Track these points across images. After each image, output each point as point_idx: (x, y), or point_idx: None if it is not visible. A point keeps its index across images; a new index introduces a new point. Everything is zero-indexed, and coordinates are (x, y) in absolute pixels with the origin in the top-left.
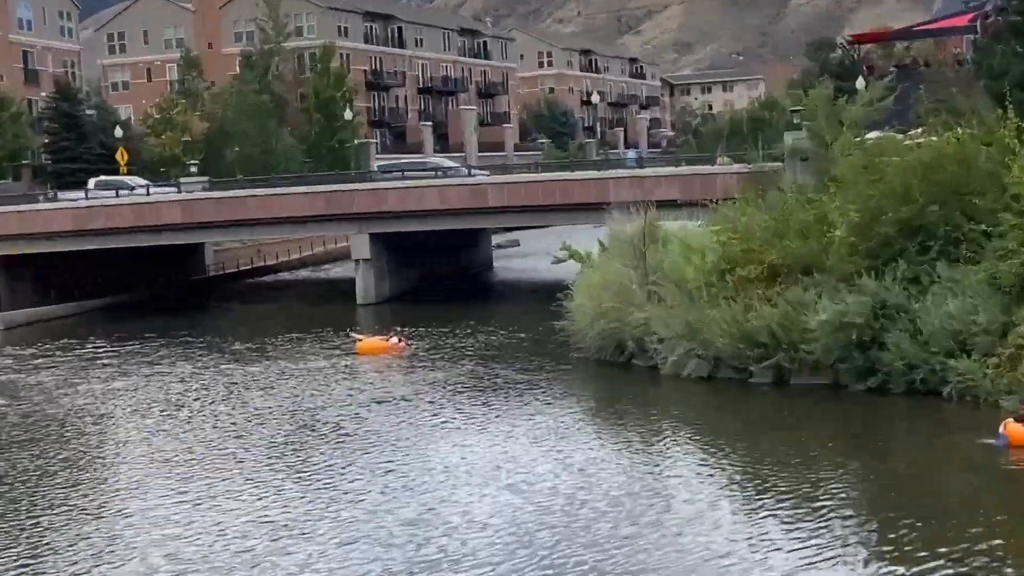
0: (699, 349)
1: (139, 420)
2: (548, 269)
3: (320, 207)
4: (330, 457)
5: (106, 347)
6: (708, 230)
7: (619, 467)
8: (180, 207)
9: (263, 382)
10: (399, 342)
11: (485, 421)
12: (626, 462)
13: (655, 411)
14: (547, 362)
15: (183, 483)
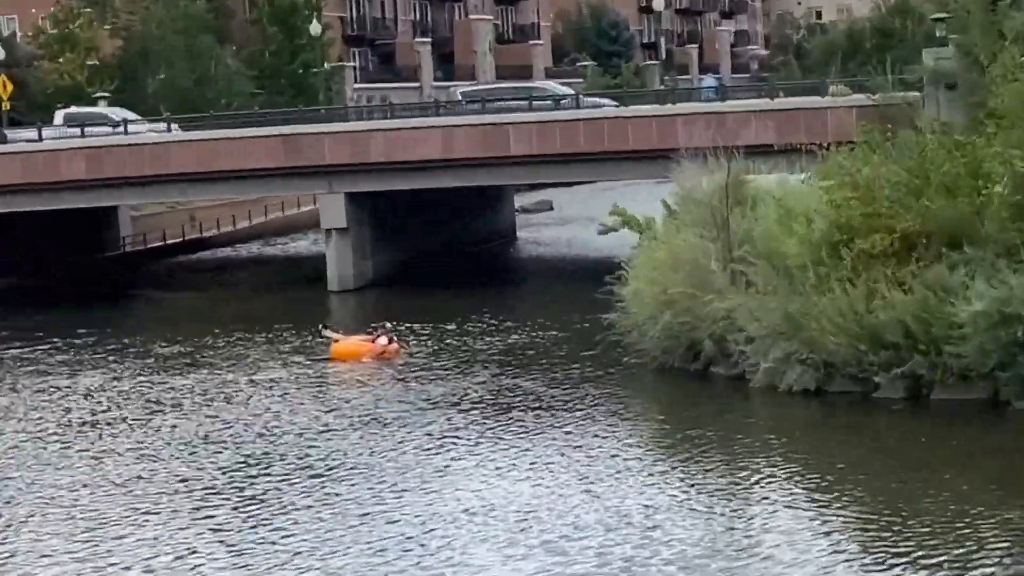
0: (803, 352)
1: (24, 451)
2: (592, 242)
3: (277, 157)
4: (289, 504)
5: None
6: (816, 187)
7: (694, 520)
8: (84, 158)
9: (197, 399)
10: (389, 343)
11: (507, 453)
12: (704, 512)
13: (742, 440)
14: (591, 371)
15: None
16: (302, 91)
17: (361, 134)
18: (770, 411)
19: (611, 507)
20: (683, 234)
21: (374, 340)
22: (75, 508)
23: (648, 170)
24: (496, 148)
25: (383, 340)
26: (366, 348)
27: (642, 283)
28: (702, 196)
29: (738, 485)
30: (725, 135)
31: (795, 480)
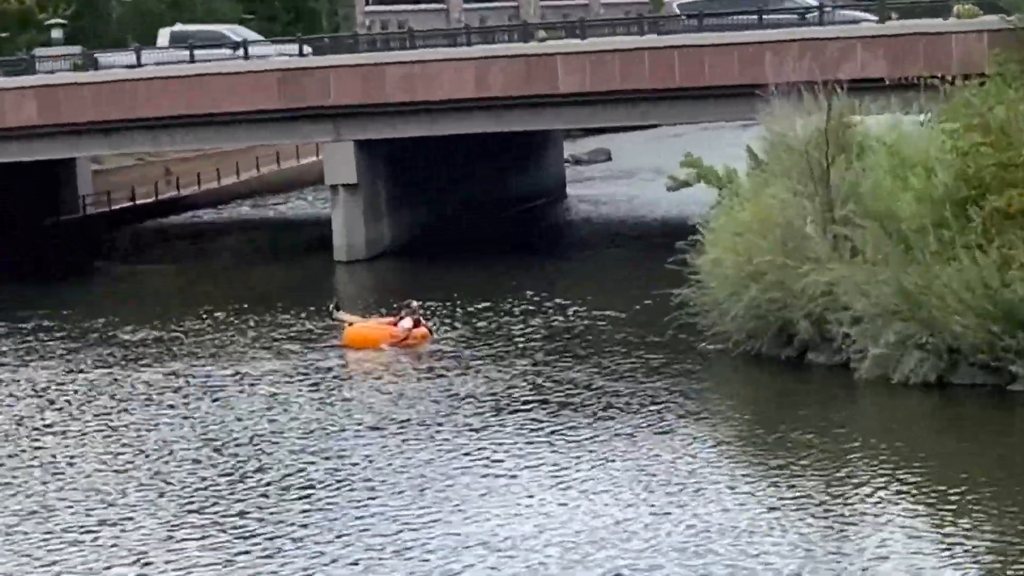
0: (922, 335)
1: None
2: (660, 200)
3: (271, 97)
4: (284, 529)
5: None
6: (937, 131)
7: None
8: (35, 99)
9: (171, 397)
10: (415, 326)
11: (556, 463)
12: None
13: (848, 445)
14: (658, 360)
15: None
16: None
17: (374, 68)
18: (882, 408)
19: (688, 529)
20: (772, 190)
21: (395, 323)
22: (25, 534)
23: (729, 111)
24: (541, 84)
25: (407, 323)
26: (386, 333)
27: (722, 251)
28: (796, 143)
29: (844, 501)
30: (824, 67)
31: (914, 494)
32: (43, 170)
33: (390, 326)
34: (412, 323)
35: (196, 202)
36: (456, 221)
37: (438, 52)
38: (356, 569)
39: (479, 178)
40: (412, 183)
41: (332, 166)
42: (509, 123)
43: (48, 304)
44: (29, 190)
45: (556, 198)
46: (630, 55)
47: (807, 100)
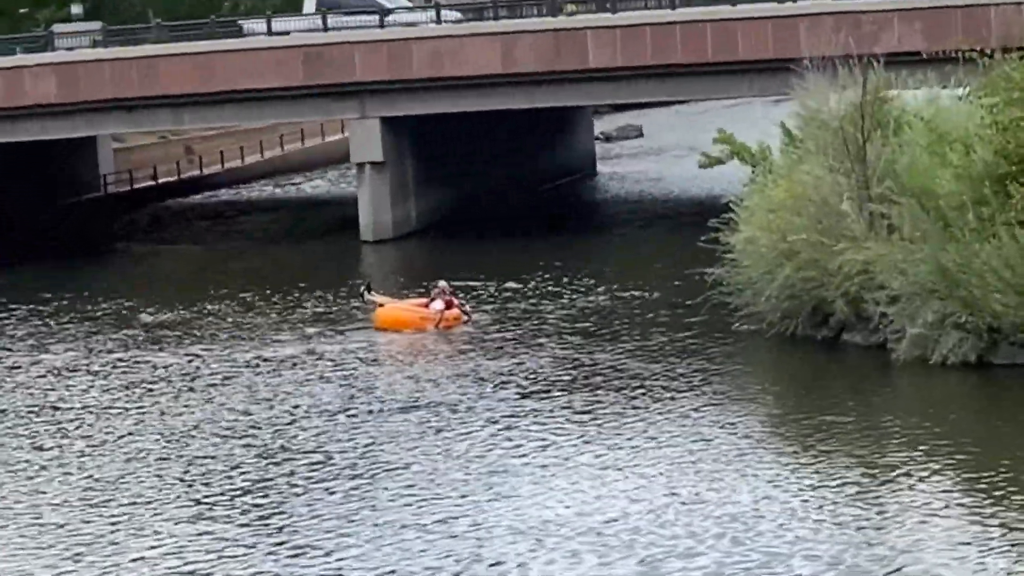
0: (961, 314)
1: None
2: (692, 177)
3: (295, 73)
4: (312, 514)
5: None
6: (976, 105)
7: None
8: (55, 76)
9: (192, 381)
10: (447, 308)
11: (589, 447)
12: (840, 520)
13: (885, 427)
14: (691, 341)
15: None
16: None
17: (400, 43)
18: (919, 389)
19: (724, 513)
20: (807, 167)
21: (427, 305)
22: (40, 522)
23: (762, 86)
24: (571, 59)
25: (438, 304)
26: (416, 315)
27: (756, 229)
28: (831, 118)
29: (881, 483)
30: (860, 40)
31: (953, 476)
32: (64, 149)
33: (421, 308)
34: (444, 305)
35: (219, 181)
36: (484, 199)
37: (465, 27)
38: (382, 553)
39: (507, 156)
40: (439, 161)
41: (357, 144)
42: (537, 99)
43: (68, 284)
44: (49, 169)
45: (586, 175)
46: (661, 29)
47: (842, 74)
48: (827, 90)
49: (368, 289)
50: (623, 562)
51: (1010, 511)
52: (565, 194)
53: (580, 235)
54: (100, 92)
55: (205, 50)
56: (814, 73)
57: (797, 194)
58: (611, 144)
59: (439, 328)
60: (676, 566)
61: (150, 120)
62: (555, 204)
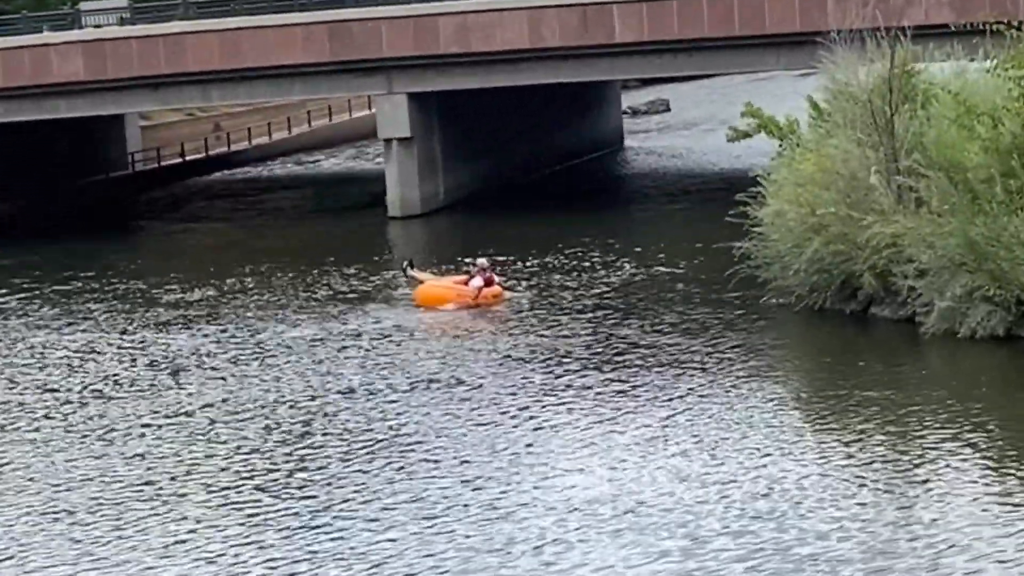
0: (990, 288)
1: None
2: (720, 151)
3: (321, 49)
4: (345, 492)
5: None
6: (1004, 77)
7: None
8: (82, 53)
9: (218, 360)
10: (487, 285)
11: (618, 423)
12: (873, 496)
13: (915, 400)
14: (720, 315)
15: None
16: None
17: (427, 19)
18: (948, 363)
19: (754, 489)
20: (835, 140)
21: (466, 282)
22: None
23: (790, 59)
24: (598, 33)
25: (477, 282)
26: (454, 293)
27: (784, 203)
28: (859, 92)
29: (911, 458)
30: (888, 13)
31: (982, 450)
32: (91, 126)
33: (460, 285)
34: (483, 282)
35: (247, 158)
36: (512, 174)
37: (492, 2)
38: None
39: (535, 131)
40: (467, 136)
41: (385, 120)
42: (565, 74)
43: (93, 263)
44: (77, 146)
45: (614, 150)
46: (689, 3)
47: (870, 48)
48: (855, 63)
49: (411, 265)
50: (660, 541)
51: None
52: (593, 169)
53: (608, 210)
54: (127, 70)
55: (232, 27)
56: (842, 46)
57: (825, 168)
58: (638, 118)
59: (478, 305)
60: (715, 542)
61: (177, 97)
62: (583, 179)
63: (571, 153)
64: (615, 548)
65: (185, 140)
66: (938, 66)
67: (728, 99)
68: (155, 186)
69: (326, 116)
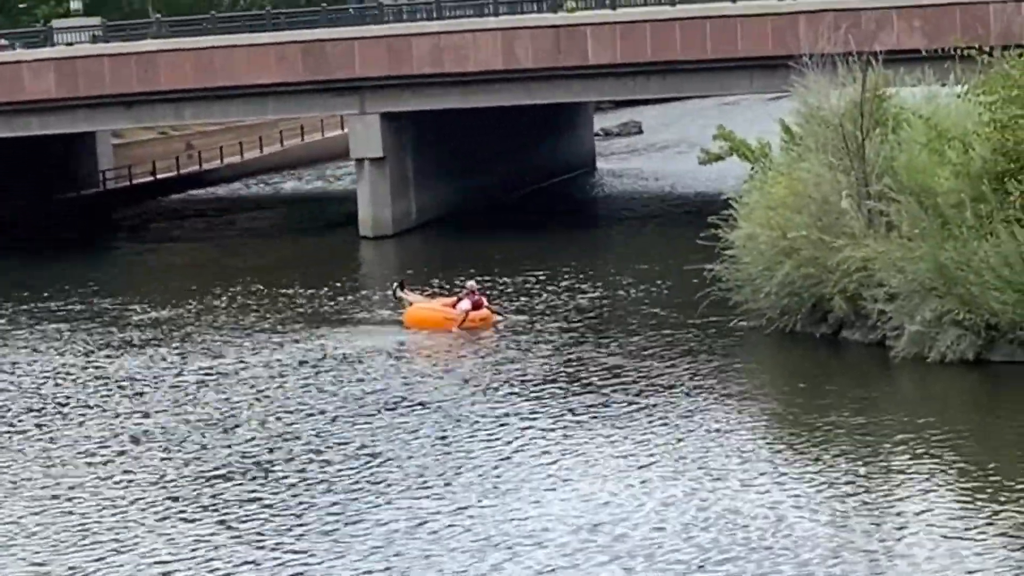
0: (959, 311)
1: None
2: (692, 174)
3: (295, 69)
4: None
5: None
6: (975, 103)
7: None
8: (55, 71)
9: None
10: (474, 308)
11: (587, 445)
12: (840, 517)
13: (884, 424)
14: (690, 337)
15: None
16: None
17: (400, 39)
18: (918, 387)
19: (722, 511)
20: (807, 164)
21: (454, 305)
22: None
23: (762, 82)
24: (571, 55)
25: (464, 305)
26: (442, 315)
27: (755, 226)
28: (830, 116)
29: (880, 481)
30: (860, 37)
31: (951, 474)
32: (63, 144)
33: (448, 308)
34: (471, 305)
35: (219, 177)
36: (484, 195)
37: (465, 23)
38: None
39: (507, 152)
40: (439, 157)
41: (357, 139)
42: (538, 95)
43: (63, 281)
44: (48, 164)
45: (586, 171)
46: (661, 26)
47: (842, 72)
48: (827, 87)
49: (401, 287)
50: (623, 562)
51: (1007, 507)
52: (565, 190)
53: (579, 232)
54: (100, 88)
55: (205, 46)
56: (814, 70)
57: (797, 191)
58: (611, 140)
59: (464, 328)
60: (678, 565)
61: (150, 116)
62: (555, 200)
63: (543, 174)
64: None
65: (157, 158)
66: (909, 91)
67: (700, 122)
68: (126, 204)
69: (299, 136)
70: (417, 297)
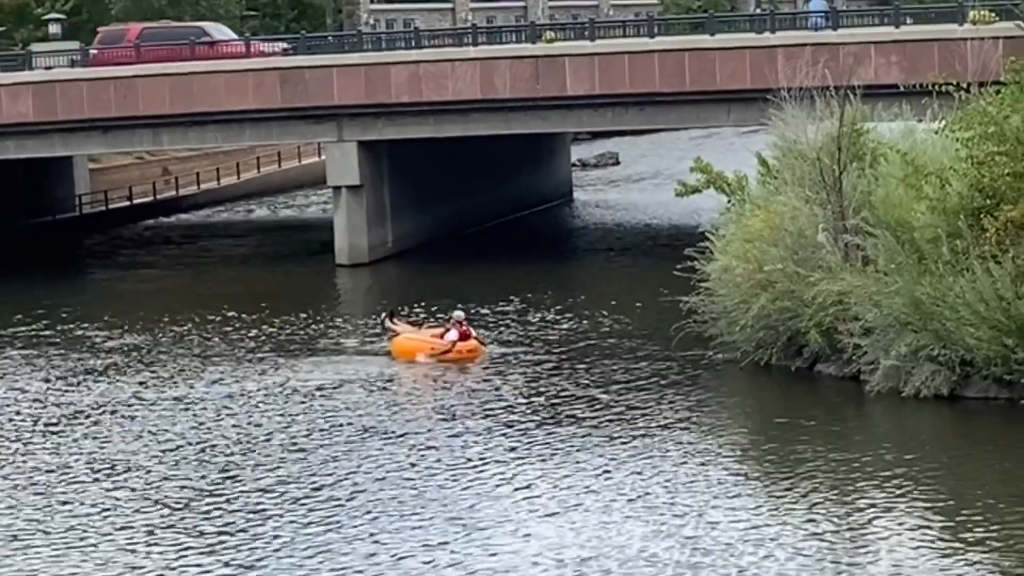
0: (934, 347)
1: None
2: (669, 206)
3: (272, 96)
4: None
5: None
6: (952, 138)
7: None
8: (32, 94)
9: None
10: (461, 339)
11: (558, 479)
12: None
13: (858, 459)
14: (665, 369)
15: None
16: (304, 13)
17: (378, 68)
18: (892, 422)
19: (693, 546)
20: (783, 197)
21: (442, 335)
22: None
23: (740, 115)
24: (549, 86)
25: (452, 335)
26: (428, 346)
27: (732, 258)
28: (808, 149)
29: (853, 516)
30: (837, 72)
31: (924, 510)
32: (39, 168)
33: (435, 338)
34: (458, 335)
35: (195, 202)
36: (461, 225)
37: (444, 52)
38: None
39: (484, 181)
40: (417, 185)
41: (334, 167)
42: (516, 125)
43: (36, 307)
44: (24, 188)
45: (563, 202)
46: (639, 57)
47: (819, 106)
48: (804, 121)
49: (391, 317)
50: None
51: (979, 545)
52: (541, 221)
53: (555, 262)
54: (78, 112)
55: (183, 71)
56: (791, 104)
57: (773, 224)
58: (588, 171)
59: (453, 359)
60: None
61: (127, 141)
62: (531, 230)
63: (520, 204)
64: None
65: (134, 183)
66: (886, 126)
67: (676, 153)
68: (102, 229)
69: (276, 162)
70: (406, 327)
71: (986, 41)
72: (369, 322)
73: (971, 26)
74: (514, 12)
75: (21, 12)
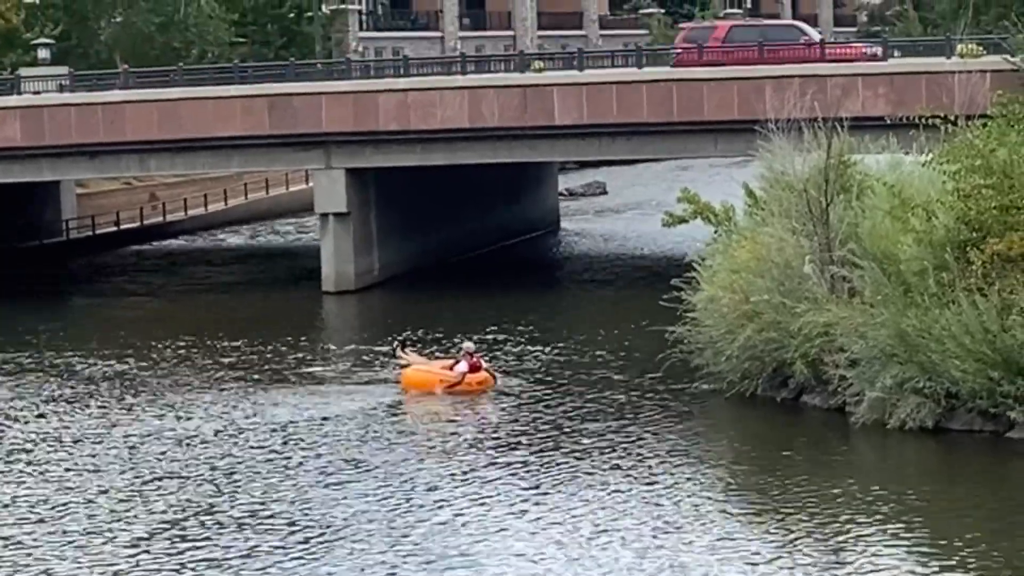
0: (920, 379)
1: None
2: (655, 236)
3: (260, 122)
4: None
5: None
6: (939, 171)
7: None
8: (20, 119)
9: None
10: (472, 371)
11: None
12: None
13: (843, 491)
14: (650, 400)
15: None
16: (293, 41)
17: (366, 95)
18: (876, 453)
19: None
20: (770, 228)
21: (452, 367)
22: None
23: (727, 146)
24: (537, 115)
25: (462, 367)
26: (437, 377)
27: (718, 289)
28: (795, 181)
29: (837, 548)
30: (825, 104)
31: (909, 542)
32: (26, 193)
33: (445, 370)
34: (468, 367)
35: (182, 228)
36: (448, 253)
37: (432, 80)
38: None
39: (472, 209)
40: (404, 213)
41: (322, 194)
42: (504, 154)
43: (19, 333)
44: (11, 212)
45: (550, 231)
46: (628, 88)
47: (806, 138)
48: (791, 153)
49: (402, 347)
50: None
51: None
52: (528, 250)
53: (541, 291)
54: (65, 137)
55: (171, 97)
56: (779, 135)
57: (760, 255)
58: (575, 200)
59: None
60: None
61: (115, 166)
62: (518, 259)
63: (507, 233)
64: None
65: (121, 209)
66: (873, 158)
67: (663, 184)
68: (88, 254)
69: (263, 189)
70: (416, 357)
71: (974, 74)
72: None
73: (959, 59)
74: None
75: (10, 37)
